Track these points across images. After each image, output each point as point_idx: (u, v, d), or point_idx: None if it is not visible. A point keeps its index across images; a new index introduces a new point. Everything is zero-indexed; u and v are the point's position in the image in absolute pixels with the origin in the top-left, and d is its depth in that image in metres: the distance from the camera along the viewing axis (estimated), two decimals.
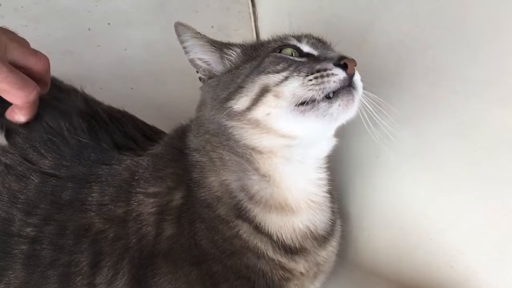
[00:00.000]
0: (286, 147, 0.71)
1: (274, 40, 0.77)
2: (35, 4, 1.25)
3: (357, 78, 0.70)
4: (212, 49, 0.77)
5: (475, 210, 0.71)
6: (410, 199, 0.80)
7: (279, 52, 0.72)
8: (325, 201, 0.77)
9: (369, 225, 0.86)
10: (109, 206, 0.70)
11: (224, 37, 1.35)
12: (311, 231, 0.73)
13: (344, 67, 0.67)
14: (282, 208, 0.72)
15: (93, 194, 0.71)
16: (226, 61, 0.76)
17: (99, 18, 1.28)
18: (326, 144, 0.78)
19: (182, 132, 0.79)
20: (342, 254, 0.85)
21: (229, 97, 0.70)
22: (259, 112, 0.68)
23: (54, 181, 0.72)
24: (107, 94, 1.17)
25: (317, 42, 0.76)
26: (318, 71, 0.67)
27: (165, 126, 1.06)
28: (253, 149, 0.71)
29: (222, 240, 0.68)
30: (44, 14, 1.24)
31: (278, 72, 0.68)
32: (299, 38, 0.75)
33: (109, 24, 1.28)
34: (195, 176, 0.72)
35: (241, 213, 0.69)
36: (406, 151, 0.82)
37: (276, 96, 0.67)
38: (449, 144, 0.75)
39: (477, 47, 0.73)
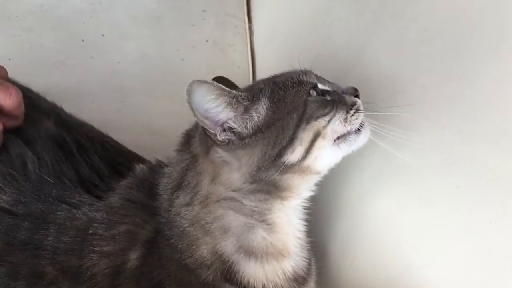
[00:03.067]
0: (308, 186, 0.75)
1: (299, 82, 0.73)
2: (29, 14, 1.25)
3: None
4: (241, 105, 0.69)
5: (456, 249, 0.69)
6: (393, 230, 0.79)
7: (309, 94, 0.72)
8: (304, 236, 0.76)
9: (352, 254, 0.85)
10: (63, 257, 0.67)
11: (218, 51, 1.36)
12: (295, 271, 0.73)
13: (357, 96, 0.75)
14: (280, 253, 0.71)
15: (49, 238, 0.68)
16: (255, 114, 0.69)
17: (93, 30, 1.28)
18: None
19: (141, 182, 0.75)
20: (324, 281, 0.84)
21: (282, 152, 0.68)
22: (310, 159, 0.69)
23: (9, 219, 0.69)
24: (97, 108, 1.17)
25: (322, 78, 0.78)
26: (352, 106, 0.73)
27: (155, 141, 1.05)
28: (283, 197, 0.71)
29: None
30: (38, 24, 1.24)
31: (325, 114, 0.70)
32: (310, 76, 0.76)
33: (103, 35, 1.28)
34: (179, 246, 0.68)
35: (231, 276, 0.67)
36: (391, 181, 0.81)
37: (323, 137, 0.70)
38: (433, 179, 0.74)
39: (463, 81, 0.72)
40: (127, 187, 0.74)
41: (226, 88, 0.66)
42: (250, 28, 1.42)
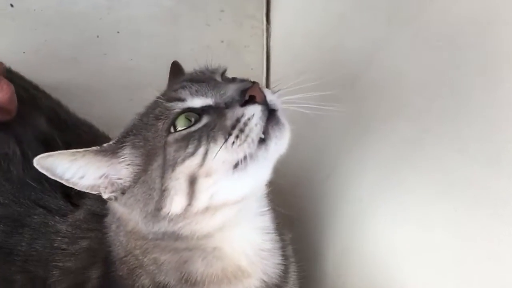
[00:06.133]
0: (239, 211, 0.62)
1: (155, 116, 0.61)
2: (48, 8, 1.26)
3: (271, 97, 0.60)
4: (104, 160, 0.61)
5: (450, 278, 0.65)
6: (386, 252, 0.75)
7: (175, 130, 0.59)
8: (274, 243, 0.69)
9: (345, 272, 0.82)
10: (33, 266, 0.66)
11: (233, 53, 1.34)
12: (266, 282, 0.67)
13: (253, 98, 0.58)
14: (236, 276, 0.65)
15: (22, 243, 0.67)
16: (124, 165, 0.61)
17: (109, 26, 1.28)
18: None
19: None
20: None
21: (159, 206, 0.59)
22: (202, 201, 0.58)
23: None
24: (107, 104, 1.17)
25: (202, 84, 0.62)
26: (233, 127, 0.57)
27: None
28: (205, 235, 0.62)
29: None
30: (55, 19, 1.26)
31: (192, 154, 0.57)
32: (179, 96, 0.62)
33: (118, 32, 1.28)
34: (120, 273, 0.64)
35: None
36: (389, 197, 0.77)
37: (208, 175, 0.57)
38: (431, 200, 0.69)
39: (469, 98, 0.67)
40: (94, 199, 0.71)
41: (78, 150, 0.59)
42: (267, 29, 1.39)
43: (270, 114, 0.58)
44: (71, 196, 0.71)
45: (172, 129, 0.59)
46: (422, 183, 0.72)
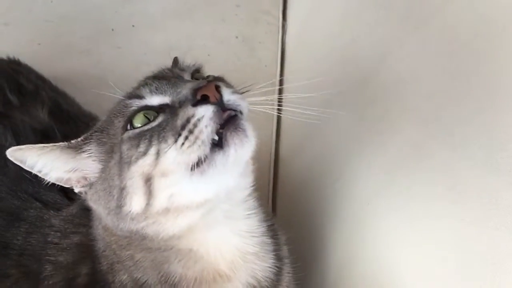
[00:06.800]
0: (206, 215, 0.61)
1: (116, 113, 0.62)
2: (64, 0, 1.27)
3: (229, 97, 0.57)
4: (71, 155, 0.62)
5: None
6: (390, 258, 0.73)
7: (132, 126, 0.59)
8: (263, 247, 0.67)
9: (348, 275, 0.80)
10: (28, 260, 0.66)
11: (247, 49, 1.32)
12: (254, 286, 0.65)
13: (206, 98, 0.56)
14: (215, 280, 0.63)
15: (18, 237, 0.67)
16: (90, 161, 0.62)
17: (124, 19, 1.29)
18: (243, 182, 0.66)
19: None
20: None
21: (120, 203, 0.59)
22: (160, 201, 0.57)
23: None
24: (117, 98, 1.17)
25: (162, 82, 0.62)
26: (183, 127, 0.55)
27: None
28: (172, 237, 0.61)
29: None
30: (71, 11, 1.27)
31: (145, 154, 0.56)
32: (139, 93, 0.62)
33: (133, 26, 1.28)
34: (102, 268, 0.64)
35: None
36: (396, 203, 0.75)
37: (164, 175, 0.56)
38: (438, 208, 0.67)
39: (483, 106, 0.65)
40: None
41: (47, 145, 0.60)
42: (283, 26, 1.38)
43: (231, 118, 0.56)
44: (68, 190, 0.71)
45: (129, 127, 0.59)
46: (429, 191, 0.69)
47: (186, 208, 0.58)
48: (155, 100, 0.60)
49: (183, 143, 0.55)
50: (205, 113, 0.55)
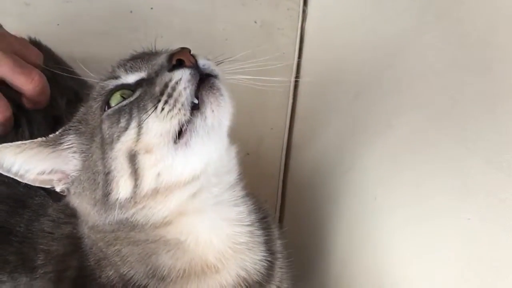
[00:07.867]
0: (196, 195, 0.60)
1: (93, 97, 0.63)
2: None
3: (204, 62, 0.58)
4: (49, 150, 0.61)
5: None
6: (394, 254, 0.72)
7: (109, 107, 0.59)
8: (253, 237, 0.66)
9: (351, 275, 0.79)
10: (27, 248, 0.66)
11: (265, 34, 1.31)
12: (244, 279, 0.63)
13: (181, 63, 0.56)
14: (204, 271, 0.62)
15: (21, 225, 0.67)
16: (70, 155, 0.61)
17: (143, 1, 1.28)
18: (228, 161, 0.65)
19: None
20: None
21: (106, 191, 0.58)
22: (148, 181, 0.56)
23: None
24: None
25: (136, 60, 0.63)
26: (162, 93, 0.55)
27: None
28: (161, 223, 0.60)
29: None
30: None
31: (126, 129, 0.56)
32: (114, 74, 0.63)
33: (152, 8, 1.28)
34: (89, 264, 0.64)
35: None
36: (404, 198, 0.73)
37: (148, 151, 0.56)
38: (445, 206, 0.66)
39: (496, 100, 0.63)
40: None
41: (24, 142, 0.59)
42: (304, 12, 1.35)
43: (205, 80, 0.56)
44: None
45: (106, 108, 0.59)
46: (439, 187, 0.68)
47: (176, 188, 0.58)
48: (130, 78, 0.61)
49: (163, 108, 0.55)
50: (182, 76, 0.55)
